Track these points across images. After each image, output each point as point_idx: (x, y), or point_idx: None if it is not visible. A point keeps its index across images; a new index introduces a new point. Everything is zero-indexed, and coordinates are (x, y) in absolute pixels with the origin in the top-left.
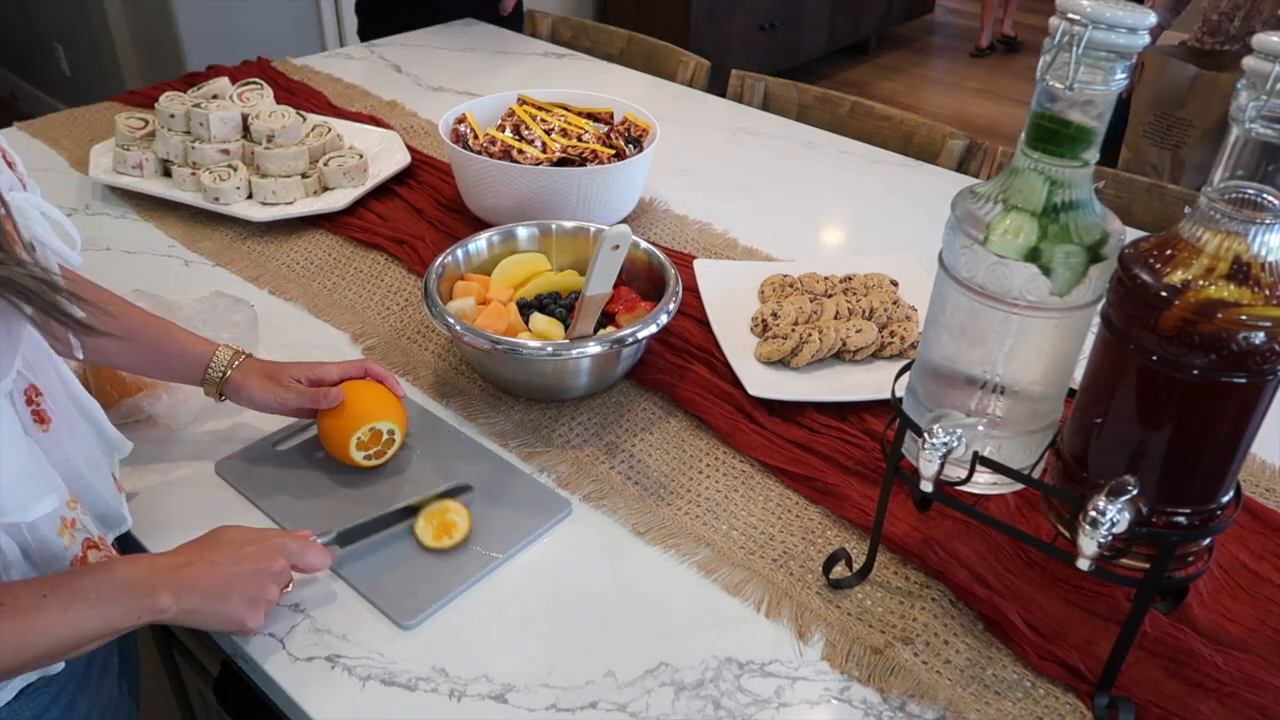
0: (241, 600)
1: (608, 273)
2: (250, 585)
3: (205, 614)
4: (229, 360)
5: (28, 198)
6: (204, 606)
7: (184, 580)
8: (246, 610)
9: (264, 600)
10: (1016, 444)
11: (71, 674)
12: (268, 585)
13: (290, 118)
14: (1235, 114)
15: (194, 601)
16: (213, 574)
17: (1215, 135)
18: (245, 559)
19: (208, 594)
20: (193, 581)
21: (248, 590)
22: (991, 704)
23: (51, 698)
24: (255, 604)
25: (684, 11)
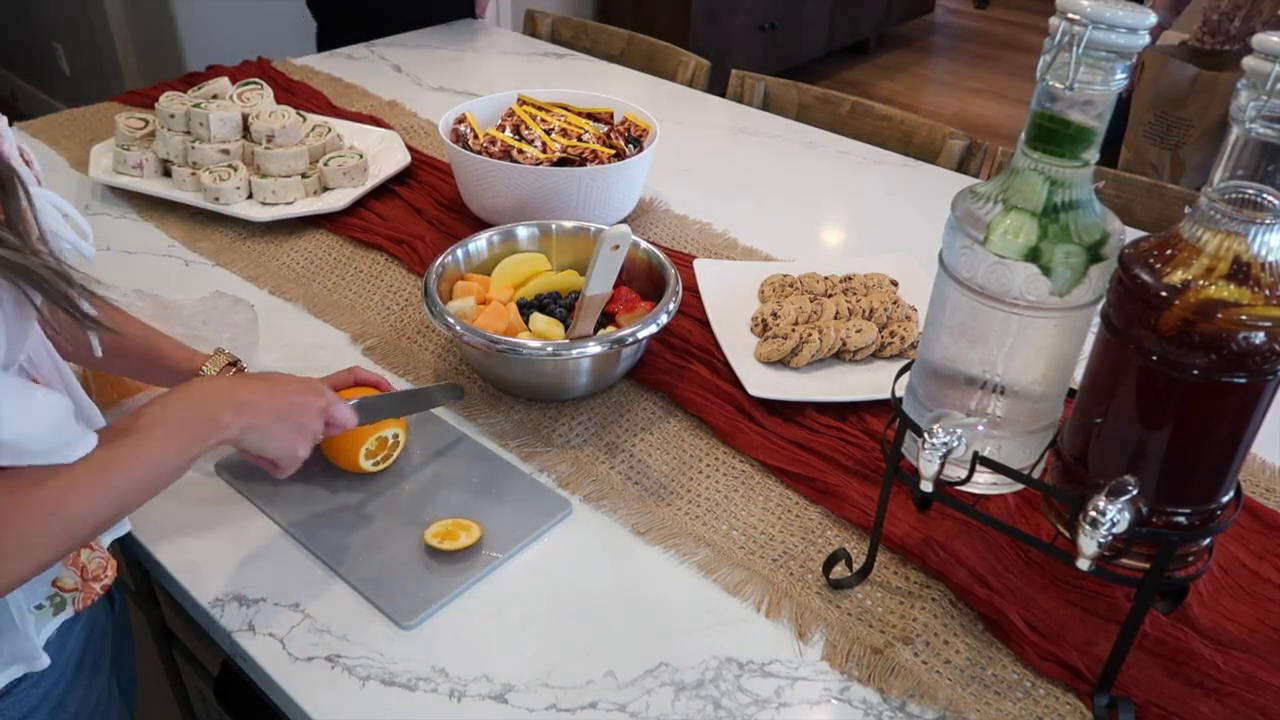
0: (293, 426)
1: (608, 273)
2: (301, 413)
3: (262, 432)
4: (217, 375)
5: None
6: (261, 424)
7: (241, 400)
8: (297, 436)
9: (310, 431)
10: (1016, 444)
11: (60, 674)
12: (315, 417)
13: (290, 118)
14: (1235, 114)
15: (252, 418)
16: (267, 396)
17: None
18: (295, 389)
19: (266, 414)
20: (249, 402)
21: (298, 417)
22: (991, 704)
23: (39, 698)
24: (304, 432)
25: (684, 11)
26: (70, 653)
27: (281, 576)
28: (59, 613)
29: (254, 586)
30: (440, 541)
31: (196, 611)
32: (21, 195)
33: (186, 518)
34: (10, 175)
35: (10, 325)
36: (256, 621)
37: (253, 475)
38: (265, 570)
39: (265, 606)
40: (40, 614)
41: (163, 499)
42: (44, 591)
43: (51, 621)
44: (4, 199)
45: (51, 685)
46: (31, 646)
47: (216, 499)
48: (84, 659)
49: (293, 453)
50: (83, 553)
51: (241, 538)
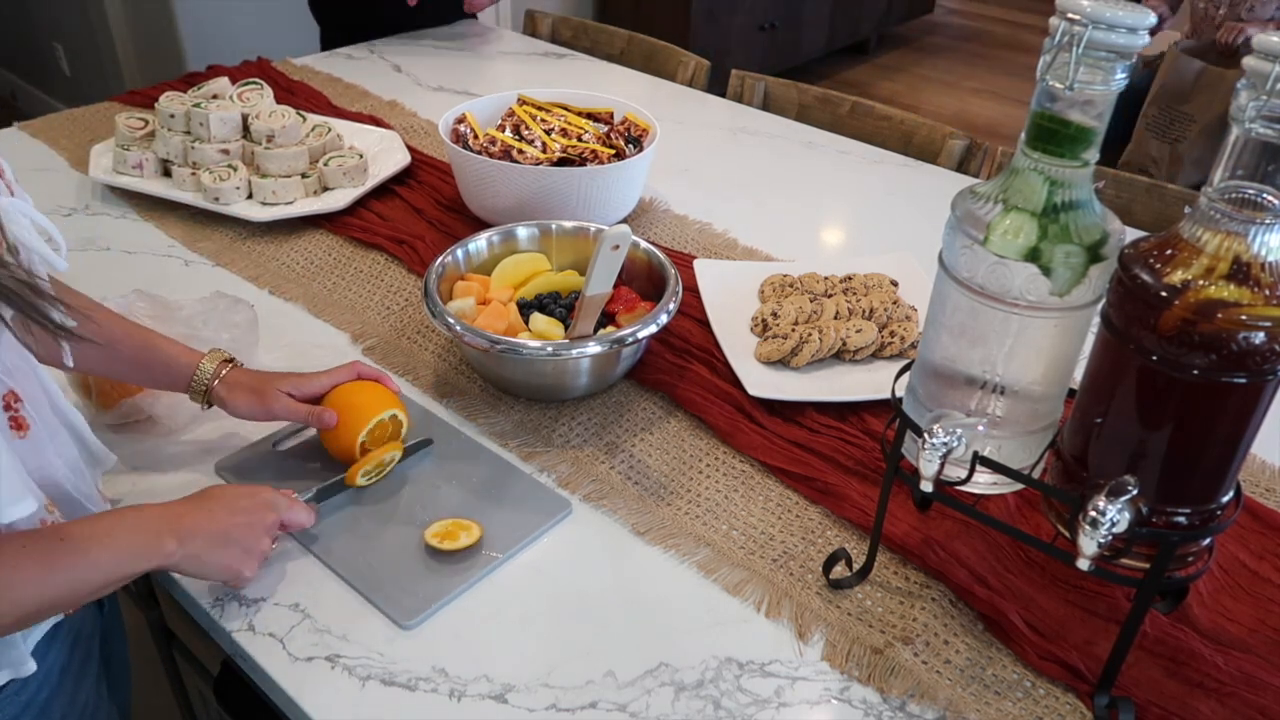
0: (238, 550)
1: (608, 273)
2: (246, 535)
3: (206, 560)
4: (214, 371)
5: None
6: (205, 553)
7: (186, 527)
8: (243, 559)
9: (258, 550)
10: (1016, 444)
11: (46, 678)
12: (261, 536)
13: (290, 118)
14: (1235, 114)
15: (196, 546)
16: (211, 523)
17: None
18: (240, 511)
19: (208, 541)
20: (194, 529)
21: (244, 539)
22: (991, 704)
23: (22, 706)
24: (250, 553)
25: (684, 11)
26: (55, 659)
27: (281, 576)
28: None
29: (254, 586)
30: (440, 541)
31: (196, 611)
32: None
33: None
34: None
35: None
36: (256, 621)
37: (253, 475)
38: (265, 570)
39: (265, 606)
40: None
41: (162, 497)
42: None
43: (37, 629)
44: None
45: (35, 692)
46: (18, 653)
47: None
48: (69, 665)
49: (237, 575)
50: None
51: None
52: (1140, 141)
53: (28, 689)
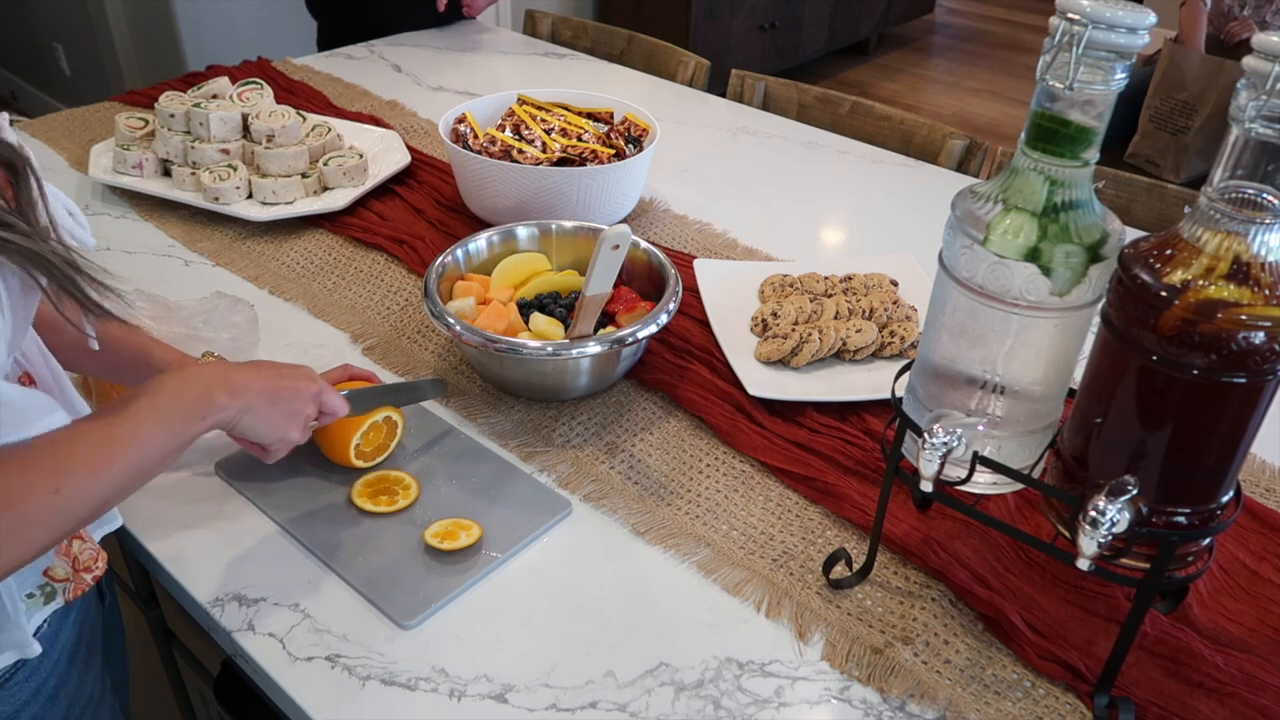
0: (286, 411)
1: (608, 273)
2: (293, 398)
3: (259, 414)
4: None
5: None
6: (258, 406)
7: (235, 382)
8: (290, 422)
9: (303, 415)
10: (1016, 444)
11: (53, 668)
12: (307, 402)
13: (290, 118)
14: (1235, 114)
15: (249, 399)
16: (260, 379)
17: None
18: (285, 375)
19: (258, 395)
20: (243, 384)
21: (290, 401)
22: (991, 704)
23: (32, 692)
24: (296, 417)
25: (684, 11)
26: (63, 646)
27: (281, 576)
28: (49, 602)
29: (254, 586)
30: (440, 541)
31: (196, 611)
32: (33, 182)
33: (186, 518)
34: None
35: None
36: (256, 621)
37: (252, 475)
38: (265, 570)
39: (265, 606)
40: (30, 603)
41: (162, 498)
42: (35, 580)
43: (42, 610)
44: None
45: (44, 679)
46: (22, 634)
47: (216, 499)
48: (76, 652)
49: (284, 436)
50: (74, 543)
51: (241, 537)
52: (1146, 134)
53: (36, 676)
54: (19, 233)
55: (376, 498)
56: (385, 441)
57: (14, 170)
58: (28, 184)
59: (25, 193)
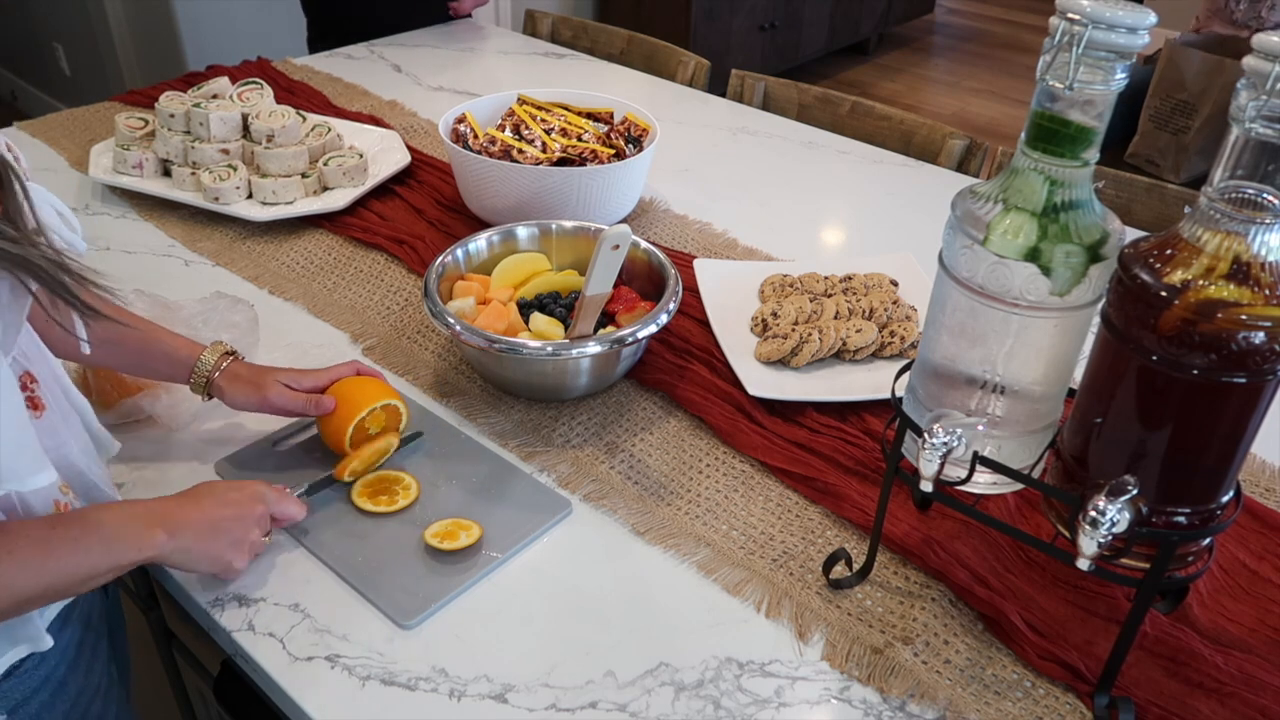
0: (228, 541)
1: (608, 273)
2: (235, 527)
3: (196, 552)
4: (215, 363)
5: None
6: (195, 545)
7: (176, 520)
8: (232, 551)
9: (248, 542)
10: (1016, 444)
11: (61, 657)
12: (250, 528)
13: (290, 118)
14: (1235, 114)
15: (186, 539)
16: (201, 515)
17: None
18: (229, 503)
19: (198, 533)
20: (184, 521)
21: (233, 531)
22: (991, 704)
23: (41, 680)
24: (240, 545)
25: (684, 11)
26: (70, 636)
27: (281, 576)
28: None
29: (254, 586)
30: (440, 541)
31: (196, 611)
32: (17, 188)
33: None
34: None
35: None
36: (256, 621)
37: (252, 474)
38: (265, 570)
39: (265, 606)
40: None
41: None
42: None
43: (53, 605)
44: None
45: (53, 668)
46: (35, 628)
47: None
48: (84, 641)
49: (226, 567)
50: None
51: None
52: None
53: (46, 664)
54: (6, 239)
55: (376, 498)
56: (388, 430)
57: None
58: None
59: (10, 199)
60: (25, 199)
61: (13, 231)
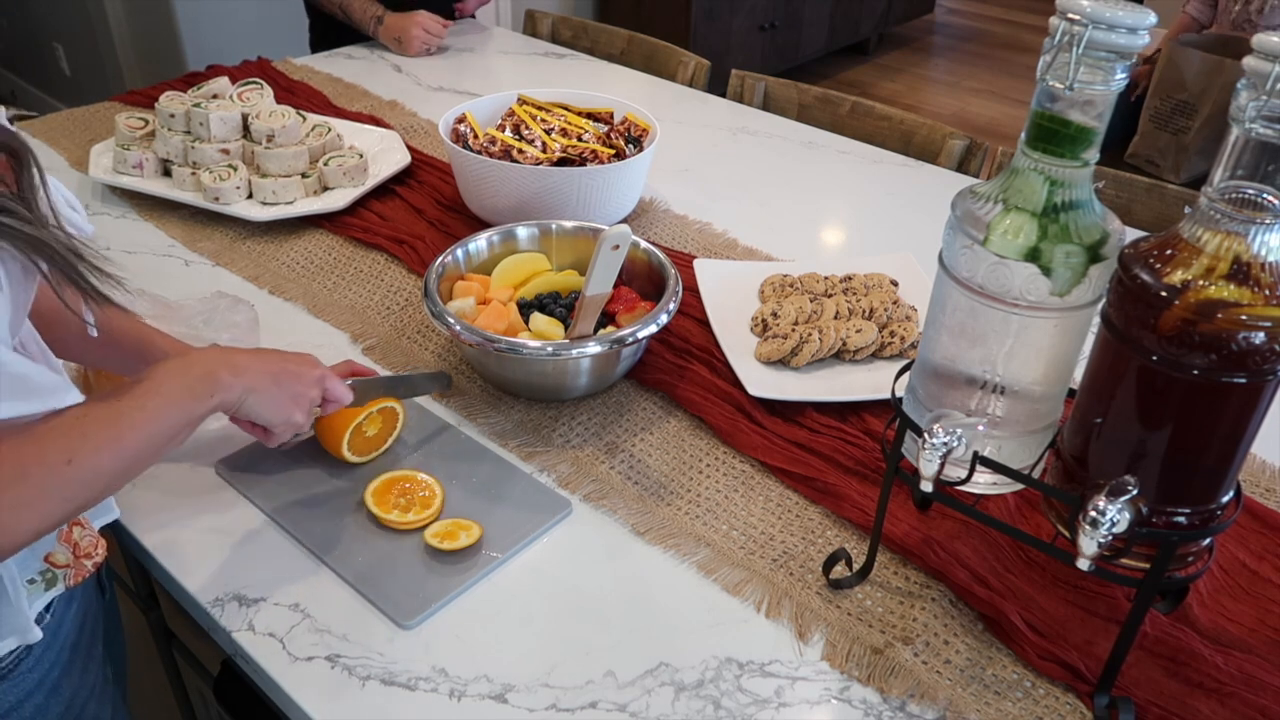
0: (289, 394)
1: (608, 273)
2: (295, 382)
3: (263, 395)
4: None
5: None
6: (261, 387)
7: (239, 363)
8: (291, 404)
9: (306, 398)
10: (1016, 444)
11: (56, 659)
12: (310, 386)
13: (290, 118)
14: (1235, 114)
15: (252, 379)
16: (263, 362)
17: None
18: (289, 359)
19: (261, 376)
20: (247, 365)
21: (293, 385)
22: (991, 704)
23: (35, 682)
24: (300, 401)
25: (684, 11)
26: (65, 636)
27: (282, 576)
28: (50, 588)
29: (254, 586)
30: (440, 541)
31: (196, 611)
32: (34, 170)
33: (186, 516)
34: (24, 150)
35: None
36: (256, 621)
37: (252, 473)
38: (265, 570)
39: (265, 606)
40: (32, 588)
41: (162, 496)
42: (36, 566)
43: (43, 596)
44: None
45: (48, 669)
46: (24, 619)
47: (216, 497)
48: (79, 643)
49: (289, 418)
50: (74, 529)
51: (242, 537)
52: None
53: (40, 667)
54: (20, 218)
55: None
56: (381, 437)
57: (16, 157)
58: (29, 171)
59: (27, 179)
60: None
61: (26, 212)
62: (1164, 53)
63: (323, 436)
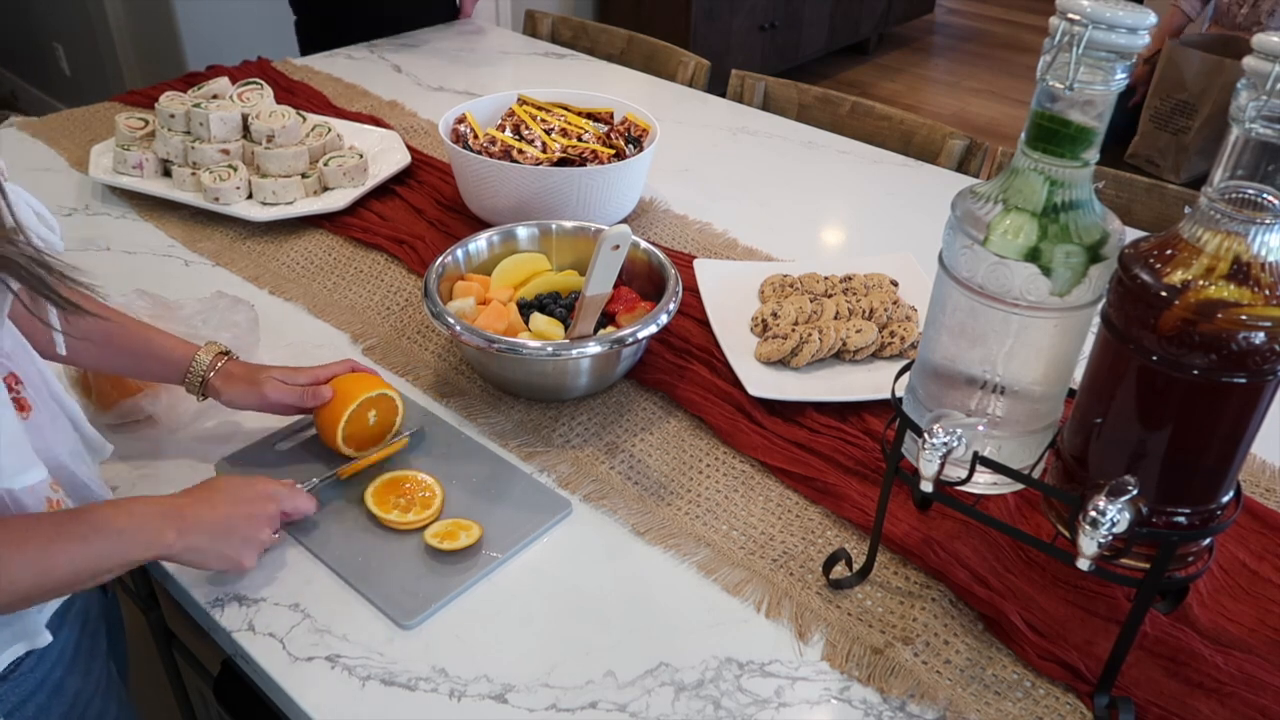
0: (239, 540)
1: (608, 273)
2: (246, 525)
3: (206, 552)
4: (209, 363)
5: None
6: (206, 545)
7: (188, 520)
8: (243, 550)
9: (258, 541)
10: (1016, 444)
11: (58, 659)
12: (262, 527)
13: (290, 118)
14: (1235, 114)
15: (196, 539)
16: (213, 514)
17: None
18: (241, 501)
19: (209, 533)
20: (196, 521)
21: (244, 530)
22: (991, 704)
23: (38, 682)
24: (250, 544)
25: (684, 11)
26: (67, 637)
27: (281, 576)
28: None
29: (254, 586)
30: (440, 541)
31: (196, 611)
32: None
33: None
34: None
35: None
36: (256, 621)
37: (252, 473)
38: (265, 570)
39: (265, 606)
40: None
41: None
42: None
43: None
44: None
45: (50, 669)
46: (34, 624)
47: None
48: (81, 642)
49: (237, 564)
50: None
51: None
52: (1146, 134)
53: (43, 666)
54: None
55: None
56: (381, 429)
57: None
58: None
59: None
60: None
61: None
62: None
63: (321, 428)
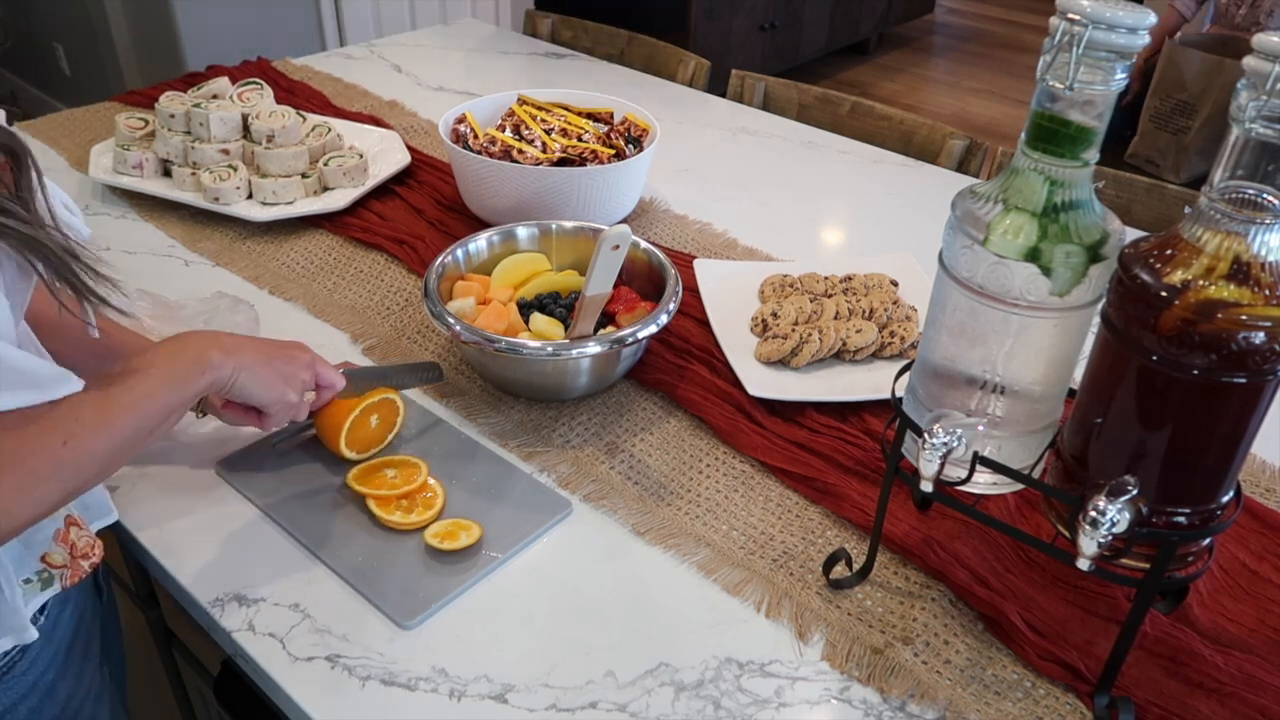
0: (280, 373)
1: (608, 273)
2: (285, 362)
3: (253, 374)
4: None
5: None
6: (252, 365)
7: (229, 343)
8: (285, 383)
9: (298, 379)
10: (1016, 444)
11: (50, 661)
12: (300, 369)
13: (290, 118)
14: (1235, 114)
15: (242, 359)
16: (253, 343)
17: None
18: (279, 344)
19: (253, 355)
20: (237, 345)
21: (283, 366)
22: (991, 704)
23: (30, 685)
24: (292, 380)
25: (684, 11)
26: (60, 639)
27: (282, 576)
28: (46, 588)
29: (254, 586)
30: (440, 541)
31: (196, 611)
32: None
33: (185, 517)
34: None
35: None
36: (256, 621)
37: (251, 473)
38: (265, 570)
39: (265, 606)
40: (28, 588)
41: (161, 497)
42: (32, 566)
43: (39, 596)
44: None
45: (42, 672)
46: (20, 619)
47: (215, 497)
48: (74, 646)
49: (282, 397)
50: (71, 529)
51: (241, 537)
52: (1146, 134)
53: (34, 669)
54: (17, 218)
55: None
56: (382, 432)
57: (15, 157)
58: (27, 171)
59: (25, 180)
60: (40, 183)
61: (23, 212)
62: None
63: (322, 432)
